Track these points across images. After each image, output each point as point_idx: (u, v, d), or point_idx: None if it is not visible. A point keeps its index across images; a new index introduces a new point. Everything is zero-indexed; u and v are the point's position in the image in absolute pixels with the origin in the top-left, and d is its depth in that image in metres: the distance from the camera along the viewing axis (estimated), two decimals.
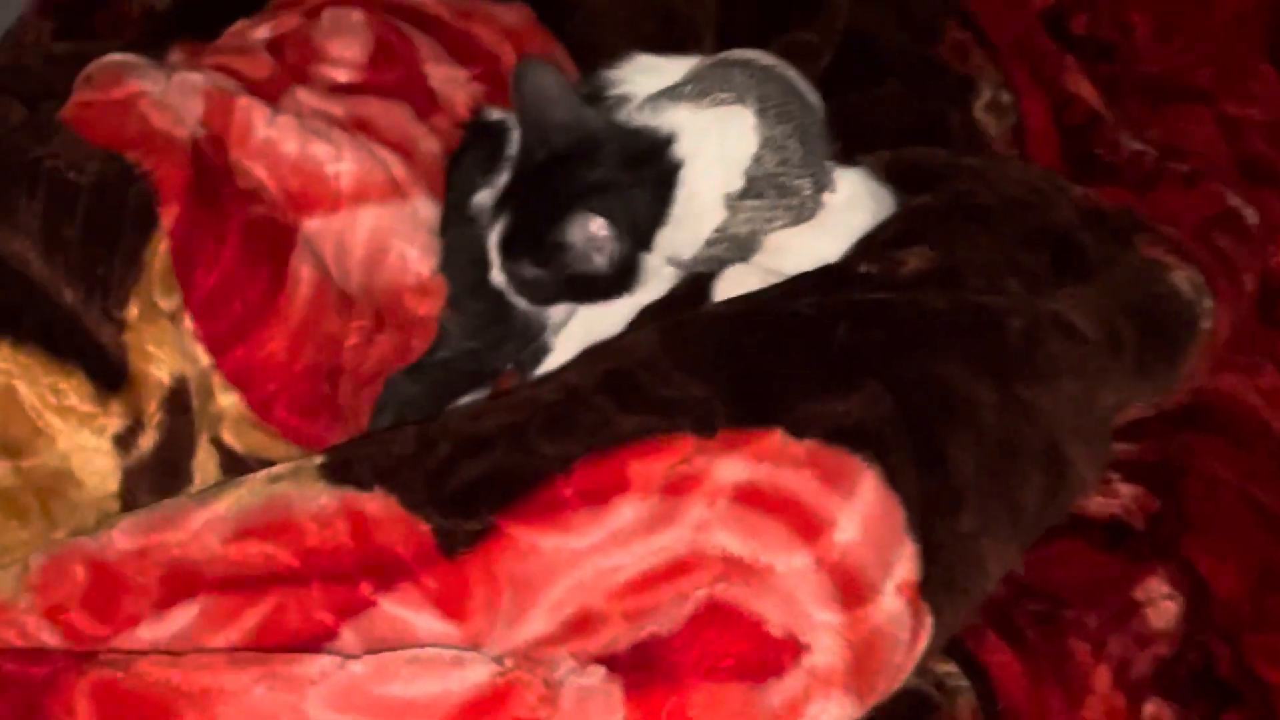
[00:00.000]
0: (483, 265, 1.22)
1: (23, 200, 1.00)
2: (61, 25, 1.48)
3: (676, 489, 0.89)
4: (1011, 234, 1.14)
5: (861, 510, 0.88)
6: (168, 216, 1.03)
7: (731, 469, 0.90)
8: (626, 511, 0.90)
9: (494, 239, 1.20)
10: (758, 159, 1.16)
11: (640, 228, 1.16)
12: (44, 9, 1.52)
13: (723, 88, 1.18)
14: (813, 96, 1.24)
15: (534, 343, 1.25)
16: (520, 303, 1.21)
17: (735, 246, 1.17)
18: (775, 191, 1.16)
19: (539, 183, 1.18)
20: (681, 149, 1.16)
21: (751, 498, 0.88)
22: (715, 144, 1.16)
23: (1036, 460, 0.99)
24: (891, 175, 1.24)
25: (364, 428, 1.17)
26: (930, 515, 0.90)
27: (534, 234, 1.17)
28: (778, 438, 0.91)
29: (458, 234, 1.22)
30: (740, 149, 1.16)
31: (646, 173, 1.16)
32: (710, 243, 1.17)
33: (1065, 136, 1.52)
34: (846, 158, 1.22)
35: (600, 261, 1.16)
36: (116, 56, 1.11)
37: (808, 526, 0.87)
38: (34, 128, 1.06)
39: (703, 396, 0.94)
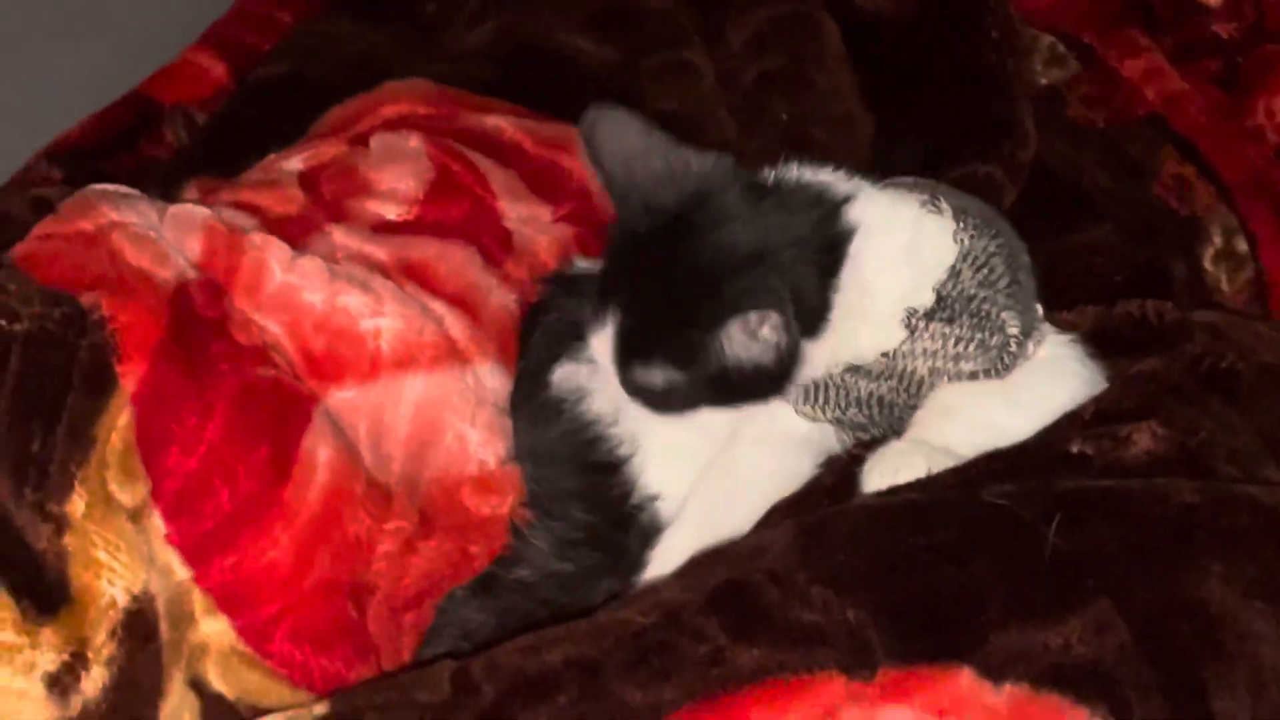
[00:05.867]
0: (587, 462, 1.06)
1: None
2: (69, 173, 1.39)
3: None
4: (1270, 410, 1.02)
5: None
6: (131, 378, 0.89)
7: None
8: None
9: (601, 340, 1.01)
10: (955, 272, 0.98)
11: (806, 303, 0.96)
12: (54, 152, 1.44)
13: (910, 188, 1.02)
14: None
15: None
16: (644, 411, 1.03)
17: (901, 395, 0.99)
18: (973, 320, 0.98)
19: (658, 262, 0.99)
20: (856, 215, 0.98)
21: None
22: (903, 236, 0.98)
23: None
24: (1103, 335, 1.11)
25: (405, 664, 1.01)
26: None
27: (668, 331, 0.98)
28: (965, 681, 0.79)
29: (543, 415, 1.08)
30: (933, 253, 0.98)
31: (800, 226, 0.97)
32: (871, 374, 0.99)
33: None
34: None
35: (765, 357, 0.97)
36: (96, 187, 1.01)
37: None
38: None
39: (856, 623, 0.82)
